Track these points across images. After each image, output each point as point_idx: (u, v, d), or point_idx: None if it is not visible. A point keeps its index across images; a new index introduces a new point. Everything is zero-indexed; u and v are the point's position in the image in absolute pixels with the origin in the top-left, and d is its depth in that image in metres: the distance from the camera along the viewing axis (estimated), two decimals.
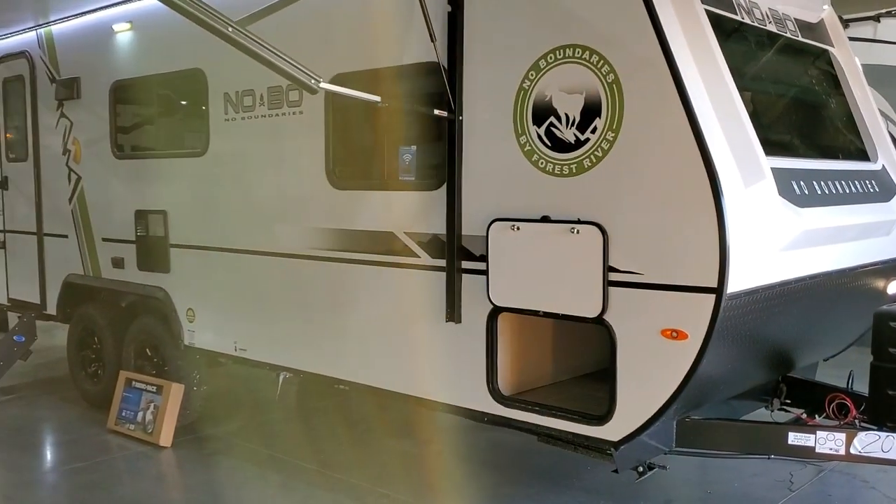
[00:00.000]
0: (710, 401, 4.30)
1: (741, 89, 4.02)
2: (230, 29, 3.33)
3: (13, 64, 7.52)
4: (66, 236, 7.14)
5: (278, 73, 3.54)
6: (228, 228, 5.74)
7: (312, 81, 3.60)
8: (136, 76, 6.35)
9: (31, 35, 7.29)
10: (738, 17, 4.37)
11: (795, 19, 5.03)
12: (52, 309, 7.38)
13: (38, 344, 7.90)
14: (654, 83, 3.66)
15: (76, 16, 6.77)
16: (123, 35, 6.39)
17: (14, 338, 7.45)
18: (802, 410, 4.93)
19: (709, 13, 4.00)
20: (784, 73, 5.06)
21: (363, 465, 5.68)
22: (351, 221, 4.94)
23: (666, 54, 3.61)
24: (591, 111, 3.87)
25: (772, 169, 3.86)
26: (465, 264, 4.39)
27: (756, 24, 4.58)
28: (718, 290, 3.50)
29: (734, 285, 3.54)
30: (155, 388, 6.27)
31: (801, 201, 4.06)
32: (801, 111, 5.11)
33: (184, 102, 6.30)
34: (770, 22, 4.73)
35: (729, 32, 4.29)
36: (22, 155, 7.53)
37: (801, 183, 4.15)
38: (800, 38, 5.01)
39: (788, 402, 5.11)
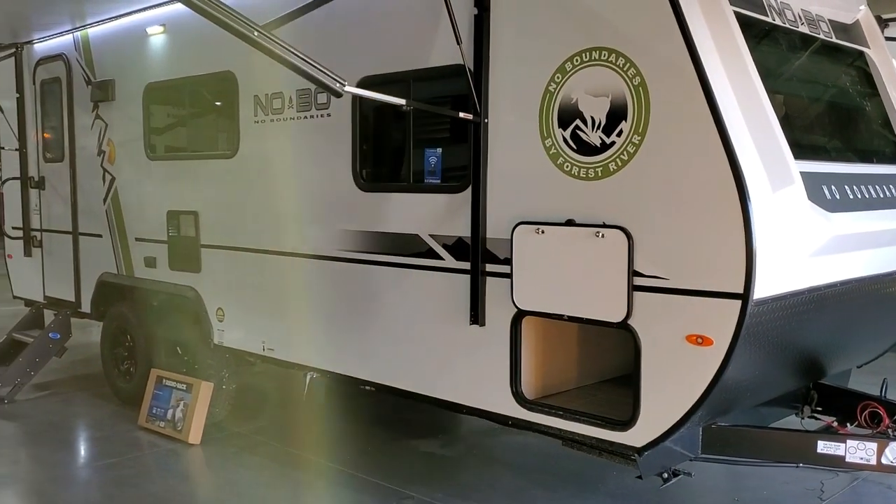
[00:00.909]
0: (737, 407, 4.25)
1: (772, 92, 3.97)
2: (256, 33, 3.36)
3: (51, 66, 7.66)
4: (100, 236, 7.25)
5: (303, 76, 3.56)
6: (257, 229, 5.80)
7: (337, 85, 3.62)
8: (168, 78, 6.43)
9: (68, 38, 7.41)
10: (769, 19, 4.31)
11: (829, 20, 4.95)
12: (86, 307, 7.51)
13: (74, 340, 8.05)
14: (680, 86, 3.62)
15: (111, 19, 6.87)
16: (157, 38, 6.48)
17: (49, 335, 7.59)
18: (833, 418, 4.85)
19: (738, 15, 3.96)
20: (817, 75, 4.98)
21: (389, 465, 5.70)
22: (377, 223, 4.96)
23: (693, 57, 3.58)
24: (616, 114, 3.85)
25: (801, 173, 3.80)
26: (490, 267, 4.38)
27: (788, 25, 4.51)
28: (744, 296, 3.46)
29: (761, 291, 3.49)
30: (185, 386, 6.35)
31: (832, 206, 3.99)
32: (834, 114, 5.02)
33: (215, 105, 6.36)
34: (802, 23, 4.66)
35: (759, 34, 4.23)
36: (58, 156, 7.67)
37: (833, 187, 4.08)
38: (834, 40, 4.93)
39: (819, 409, 5.03)
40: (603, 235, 3.88)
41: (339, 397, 7.48)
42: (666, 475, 4.18)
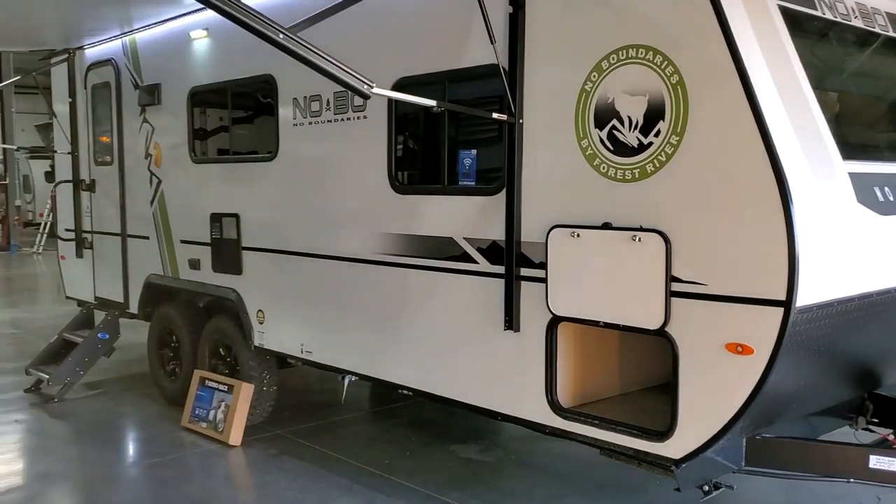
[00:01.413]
0: (782, 418, 4.07)
1: (821, 89, 3.79)
2: (281, 35, 3.33)
3: (101, 71, 7.80)
4: (147, 238, 7.36)
5: (331, 78, 3.52)
6: (296, 232, 5.80)
7: (365, 87, 3.56)
8: (211, 82, 6.48)
9: (117, 43, 7.54)
10: (818, 13, 4.11)
11: (886, 13, 4.72)
12: (134, 308, 7.63)
13: (125, 340, 8.19)
14: (720, 85, 3.48)
15: (157, 24, 6.96)
16: (200, 42, 6.54)
17: (98, 335, 7.73)
18: (890, 431, 4.61)
19: (783, 9, 3.79)
20: (873, 70, 4.75)
21: (426, 470, 5.64)
22: (412, 226, 4.90)
23: (733, 54, 3.43)
24: (654, 114, 3.71)
25: (850, 174, 3.63)
26: (524, 271, 4.28)
27: (839, 19, 4.30)
28: (787, 304, 3.30)
29: (805, 298, 3.33)
30: (226, 387, 6.39)
31: (885, 208, 3.80)
32: (891, 112, 4.79)
33: (255, 108, 6.40)
34: (856, 16, 4.45)
35: (807, 29, 4.04)
36: (108, 159, 7.81)
37: (886, 189, 3.89)
38: (891, 33, 4.69)
39: (875, 421, 4.79)
40: (640, 239, 3.75)
41: (377, 400, 7.48)
42: (707, 488, 4.03)
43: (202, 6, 6.15)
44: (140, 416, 7.06)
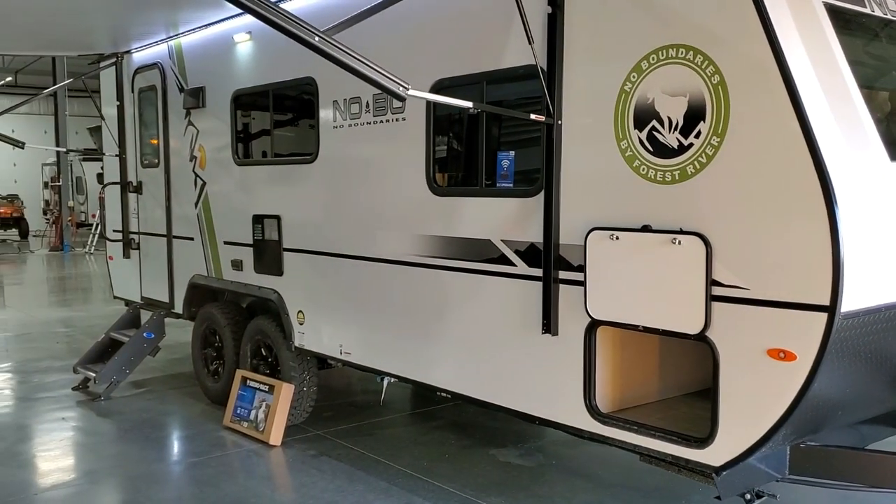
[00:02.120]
0: (829, 426, 3.96)
1: (870, 89, 3.68)
2: (317, 38, 3.34)
3: (148, 74, 7.94)
4: (192, 239, 7.47)
5: (366, 80, 3.52)
6: (335, 233, 5.83)
7: (401, 89, 3.56)
8: (254, 85, 6.55)
9: (163, 47, 7.67)
10: (866, 10, 4.00)
11: None
12: (179, 308, 7.75)
13: (171, 339, 8.32)
14: (762, 85, 3.40)
15: (202, 27, 7.06)
16: (243, 46, 6.61)
17: (144, 335, 7.87)
18: None
19: (830, 7, 3.69)
20: None
21: (465, 473, 5.62)
22: (449, 228, 4.89)
23: (776, 54, 3.35)
24: (695, 115, 3.65)
25: None
26: (563, 274, 4.24)
27: (890, 16, 4.18)
28: (831, 309, 3.21)
29: (850, 303, 3.23)
30: (267, 387, 6.44)
31: None
32: None
33: (297, 110, 6.45)
34: None
35: (854, 27, 3.93)
36: (154, 161, 7.95)
37: None
38: None
39: None
40: (680, 242, 3.69)
41: (417, 402, 7.47)
42: (749, 496, 3.93)
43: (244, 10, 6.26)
44: (183, 415, 7.17)
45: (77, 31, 7.55)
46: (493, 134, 4.71)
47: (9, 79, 32.67)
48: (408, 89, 3.58)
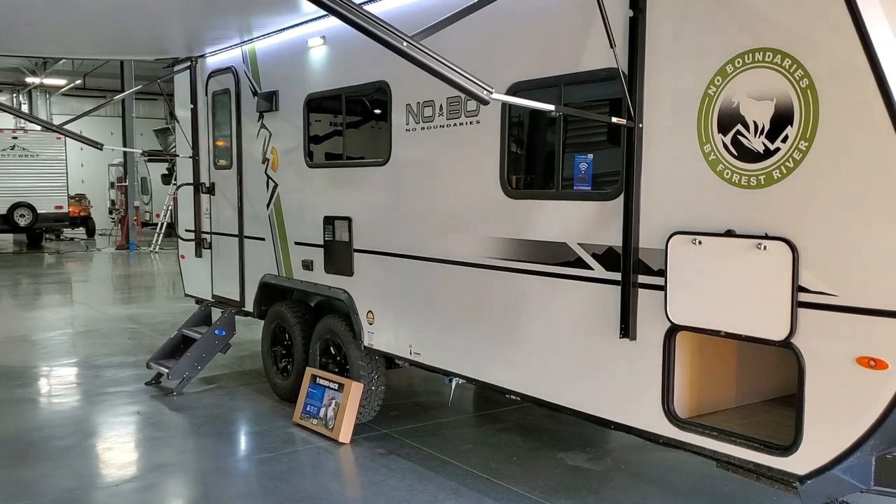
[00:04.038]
0: None
1: None
2: (405, 44, 3.39)
3: (221, 78, 8.13)
4: (263, 239, 7.62)
5: (451, 85, 3.56)
6: (407, 235, 5.90)
7: (485, 93, 3.59)
8: (327, 89, 6.66)
9: (237, 51, 7.84)
10: None
11: None
12: (249, 306, 7.91)
13: (239, 336, 8.49)
14: (854, 90, 3.34)
15: (276, 32, 7.20)
16: (317, 50, 6.73)
17: (215, 332, 8.04)
18: None
19: None
20: None
21: (533, 476, 5.63)
22: (524, 231, 4.91)
23: (870, 56, 3.29)
24: (782, 119, 3.60)
25: None
26: (642, 279, 4.22)
27: None
28: None
29: None
30: (336, 385, 6.54)
31: None
32: None
33: (369, 114, 6.53)
34: None
35: None
36: (227, 163, 8.13)
37: None
38: None
39: None
40: (765, 247, 3.64)
41: (481, 404, 7.50)
42: None
43: (321, 14, 6.37)
44: (253, 411, 7.31)
45: (154, 37, 7.76)
46: (570, 136, 4.71)
47: (78, 82, 33.75)
48: (491, 93, 3.62)
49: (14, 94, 34.18)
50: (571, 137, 4.71)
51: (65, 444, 6.52)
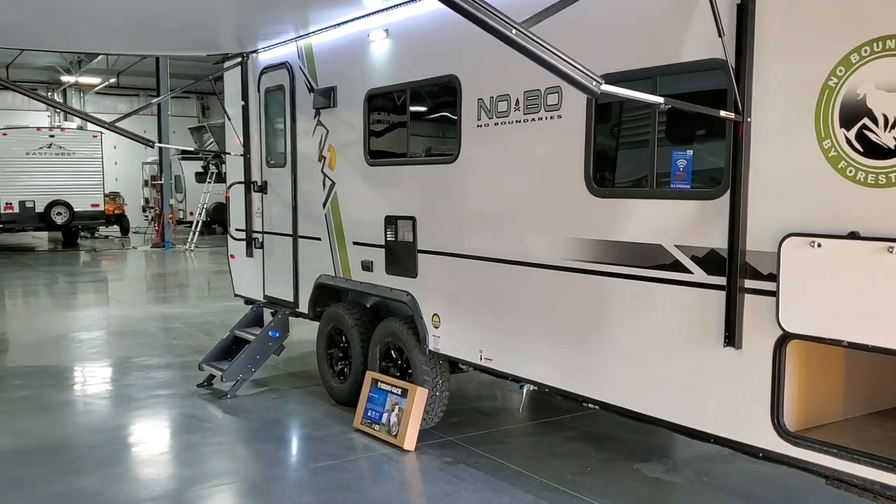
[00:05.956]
0: None
1: None
2: (514, 31, 3.16)
3: (275, 74, 7.94)
4: (319, 239, 7.42)
5: (558, 75, 3.32)
6: (478, 235, 5.66)
7: (594, 84, 3.35)
8: (390, 84, 6.44)
9: (292, 47, 7.64)
10: None
11: None
12: (303, 307, 7.71)
13: (289, 337, 8.33)
14: None
15: (334, 26, 6.99)
16: (379, 44, 6.51)
17: (269, 333, 7.87)
18: None
19: None
20: None
21: (612, 488, 5.38)
22: (611, 231, 4.65)
23: None
24: None
25: None
26: (749, 283, 3.95)
27: None
28: None
29: None
30: (399, 390, 6.32)
31: None
32: None
33: (436, 109, 6.30)
34: None
35: None
36: (280, 161, 7.94)
37: None
38: None
39: None
40: (895, 251, 3.36)
41: (538, 410, 7.24)
42: None
43: (384, 7, 6.15)
44: (310, 416, 7.12)
45: (206, 32, 7.59)
46: (665, 130, 4.44)
47: (112, 80, 33.94)
48: (601, 84, 3.37)
49: (49, 93, 34.40)
50: (666, 132, 4.44)
51: (120, 449, 6.38)
